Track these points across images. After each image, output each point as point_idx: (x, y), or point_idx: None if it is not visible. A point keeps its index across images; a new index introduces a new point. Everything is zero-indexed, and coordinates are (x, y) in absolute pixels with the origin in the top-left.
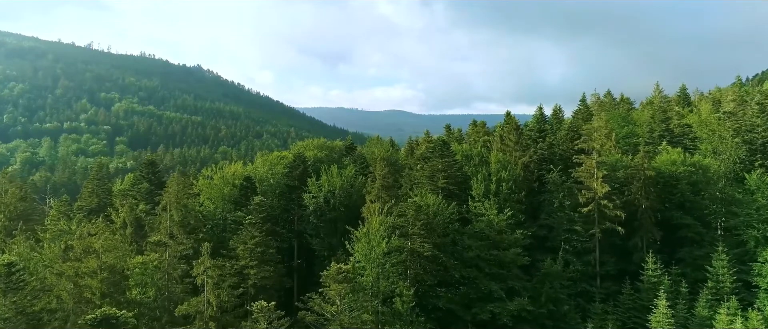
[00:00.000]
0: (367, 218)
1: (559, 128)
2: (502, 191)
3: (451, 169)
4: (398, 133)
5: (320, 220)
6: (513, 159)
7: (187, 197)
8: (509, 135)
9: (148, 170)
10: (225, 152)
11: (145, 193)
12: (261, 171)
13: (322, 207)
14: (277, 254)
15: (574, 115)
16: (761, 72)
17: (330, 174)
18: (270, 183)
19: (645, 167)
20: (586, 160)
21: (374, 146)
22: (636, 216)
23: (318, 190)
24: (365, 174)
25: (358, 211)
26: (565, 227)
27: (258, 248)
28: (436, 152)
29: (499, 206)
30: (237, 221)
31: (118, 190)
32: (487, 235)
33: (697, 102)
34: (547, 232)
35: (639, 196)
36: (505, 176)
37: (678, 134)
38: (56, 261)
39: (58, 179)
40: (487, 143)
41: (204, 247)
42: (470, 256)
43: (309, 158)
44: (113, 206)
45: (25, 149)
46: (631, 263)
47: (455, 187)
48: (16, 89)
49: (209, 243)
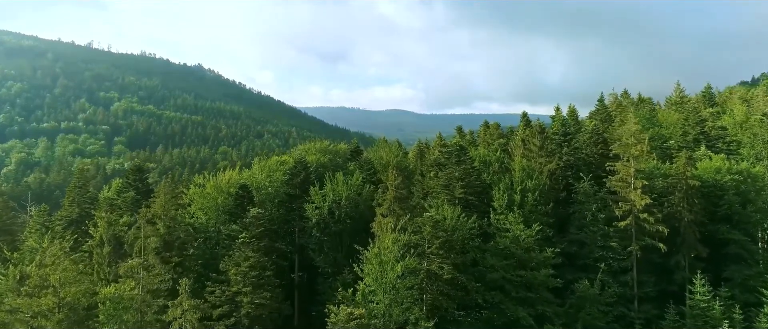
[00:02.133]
0: (378, 235)
1: (579, 130)
2: (527, 202)
3: (469, 177)
4: (400, 132)
5: (324, 233)
6: (537, 166)
7: (176, 209)
8: (533, 139)
9: (135, 177)
10: (225, 152)
11: (130, 203)
12: (258, 178)
13: (326, 219)
14: (275, 276)
15: (591, 116)
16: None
17: (334, 182)
18: (268, 192)
19: (687, 176)
20: (621, 168)
21: (381, 149)
22: (678, 231)
23: (321, 200)
24: (373, 181)
25: (365, 223)
26: (599, 243)
27: (252, 272)
28: (452, 157)
29: (525, 219)
30: (231, 235)
31: (103, 198)
32: (512, 253)
33: (724, 102)
34: (577, 248)
35: (681, 208)
36: (531, 185)
37: (713, 137)
38: (9, 293)
39: (52, 180)
40: (504, 147)
41: (182, 285)
42: (494, 277)
43: (311, 163)
44: (93, 218)
45: (21, 149)
46: (673, 283)
47: (474, 197)
48: (14, 88)
49: (188, 281)
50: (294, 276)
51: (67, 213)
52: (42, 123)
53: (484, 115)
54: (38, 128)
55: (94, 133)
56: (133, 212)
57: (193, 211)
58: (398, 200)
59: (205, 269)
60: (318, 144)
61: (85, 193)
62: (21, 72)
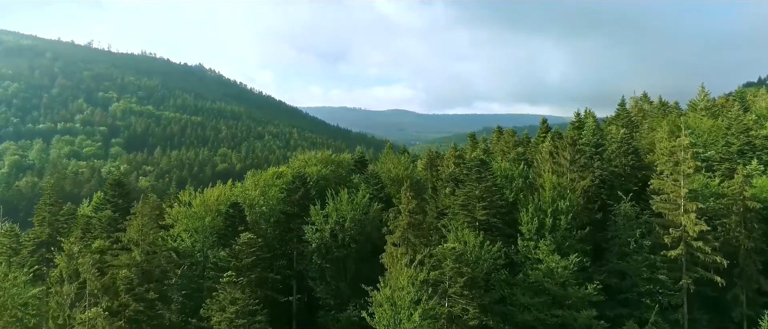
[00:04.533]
0: (389, 268)
1: (604, 138)
2: (559, 226)
3: (492, 196)
4: (401, 133)
5: (325, 259)
6: (568, 183)
7: (157, 230)
8: (563, 152)
9: (114, 192)
10: (225, 154)
11: (106, 223)
12: (252, 195)
13: (328, 243)
14: (269, 309)
15: (611, 121)
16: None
17: (338, 201)
18: (263, 211)
19: (745, 196)
20: (669, 187)
21: (390, 161)
22: (735, 260)
23: (323, 221)
24: (380, 198)
25: (372, 247)
26: (644, 275)
27: (240, 320)
28: (472, 173)
29: (557, 246)
30: (218, 264)
31: (81, 215)
32: (545, 289)
33: (755, 106)
34: (618, 280)
35: (738, 234)
36: (563, 206)
37: (757, 147)
38: None
39: (45, 184)
40: (522, 157)
41: None
42: (526, 320)
43: (311, 176)
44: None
45: (15, 151)
46: (730, 321)
47: (498, 219)
48: (11, 89)
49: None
50: (291, 300)
51: (36, 234)
52: (38, 124)
53: (485, 115)
54: (34, 129)
55: (91, 134)
56: (110, 234)
57: (177, 233)
58: (413, 226)
59: (190, 300)
60: (319, 154)
61: (58, 211)
62: (18, 72)
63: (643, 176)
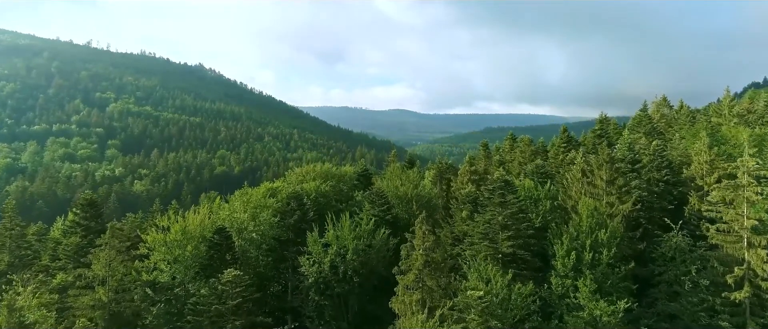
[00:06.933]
0: (402, 317)
1: (630, 149)
2: (601, 261)
3: (518, 224)
4: (402, 132)
5: (324, 296)
6: (606, 208)
7: (129, 262)
8: (599, 170)
9: (84, 214)
10: (223, 156)
11: (72, 253)
12: (240, 218)
13: (327, 277)
14: None
15: (632, 128)
16: None
17: (338, 228)
18: (253, 237)
19: None
20: (731, 216)
21: (396, 177)
22: None
23: (322, 252)
24: (387, 220)
25: (379, 280)
26: (702, 320)
27: None
28: (495, 196)
29: (599, 285)
30: (197, 308)
31: (51, 238)
32: None
33: None
34: (668, 324)
35: None
36: (603, 237)
37: None
38: None
39: (36, 189)
40: (542, 169)
41: None
42: None
43: (309, 193)
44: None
45: (8, 154)
46: None
47: (526, 252)
48: (6, 89)
49: None
50: None
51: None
52: (32, 126)
53: (486, 115)
54: (28, 130)
55: (87, 136)
56: (76, 265)
57: (154, 264)
58: (430, 267)
59: None
60: (318, 168)
61: (23, 237)
62: (14, 72)
63: (679, 192)
